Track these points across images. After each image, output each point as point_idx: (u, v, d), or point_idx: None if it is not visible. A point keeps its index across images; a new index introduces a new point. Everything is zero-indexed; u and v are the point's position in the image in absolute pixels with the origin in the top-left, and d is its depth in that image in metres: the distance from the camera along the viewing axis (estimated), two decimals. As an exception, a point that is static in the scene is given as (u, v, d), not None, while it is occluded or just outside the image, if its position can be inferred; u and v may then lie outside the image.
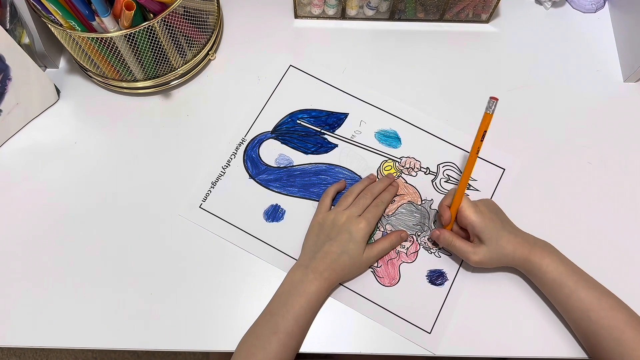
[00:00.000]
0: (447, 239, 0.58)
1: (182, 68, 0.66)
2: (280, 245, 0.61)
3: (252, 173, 0.65)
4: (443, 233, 0.58)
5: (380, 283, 0.59)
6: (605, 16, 0.75)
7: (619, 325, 0.51)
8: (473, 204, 0.57)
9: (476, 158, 0.56)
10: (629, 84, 0.70)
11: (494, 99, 0.52)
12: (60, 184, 0.64)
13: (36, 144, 0.66)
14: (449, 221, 0.58)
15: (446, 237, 0.58)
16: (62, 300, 0.58)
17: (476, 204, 0.57)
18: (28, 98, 0.64)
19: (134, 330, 0.57)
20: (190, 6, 0.61)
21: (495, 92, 0.69)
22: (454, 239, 0.57)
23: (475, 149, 0.55)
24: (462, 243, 0.57)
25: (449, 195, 0.59)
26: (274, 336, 0.52)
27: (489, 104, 0.52)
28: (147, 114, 0.67)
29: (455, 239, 0.57)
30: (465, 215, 0.56)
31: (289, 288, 0.55)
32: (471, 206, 0.56)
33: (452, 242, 0.57)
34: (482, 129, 0.54)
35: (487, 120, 0.53)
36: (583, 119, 0.68)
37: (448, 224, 0.58)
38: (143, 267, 0.60)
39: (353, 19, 0.73)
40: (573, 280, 0.54)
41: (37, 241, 0.61)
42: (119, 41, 0.57)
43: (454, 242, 0.57)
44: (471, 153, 0.55)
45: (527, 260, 0.55)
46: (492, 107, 0.52)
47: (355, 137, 0.67)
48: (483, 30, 0.73)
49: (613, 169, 0.65)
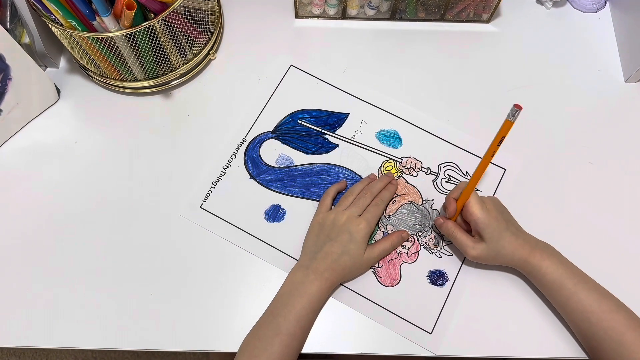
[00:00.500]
0: (449, 228, 0.58)
1: (182, 68, 0.66)
2: (280, 246, 0.61)
3: (252, 173, 0.64)
4: (447, 222, 0.58)
5: (381, 283, 0.59)
6: (606, 16, 0.75)
7: (619, 327, 0.51)
8: (480, 200, 0.56)
9: (490, 161, 0.55)
10: (630, 84, 0.70)
11: (517, 107, 0.51)
12: (60, 184, 0.64)
13: (36, 143, 0.66)
14: (454, 214, 0.57)
15: (449, 227, 0.58)
16: (62, 300, 0.58)
17: (484, 200, 0.57)
18: (28, 98, 0.64)
19: (133, 330, 0.57)
20: (190, 6, 0.61)
21: (496, 92, 0.69)
22: (456, 230, 0.57)
23: (490, 152, 0.54)
24: (463, 236, 0.57)
25: (458, 189, 0.58)
26: (276, 338, 0.52)
27: (511, 111, 0.51)
28: (147, 114, 0.67)
29: (457, 230, 0.57)
30: (471, 211, 0.56)
31: (290, 289, 0.55)
32: (478, 202, 0.56)
33: (454, 232, 0.57)
34: (500, 134, 0.53)
35: (506, 127, 0.52)
36: (584, 119, 0.68)
37: (452, 217, 0.58)
38: (143, 267, 0.60)
39: (354, 18, 0.73)
40: (573, 282, 0.54)
41: (37, 241, 0.61)
42: (119, 41, 0.57)
43: (456, 233, 0.57)
44: (486, 155, 0.54)
45: (527, 262, 0.55)
46: (514, 115, 0.51)
47: (356, 137, 0.66)
48: (484, 30, 0.73)
49: (614, 169, 0.65)
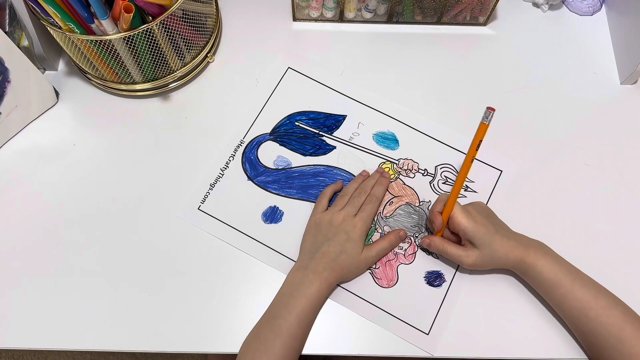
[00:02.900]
0: (438, 246, 0.57)
1: (180, 70, 0.66)
2: (278, 247, 0.61)
3: (250, 175, 0.65)
4: (433, 240, 0.58)
5: (378, 284, 0.59)
6: (602, 19, 0.75)
7: (617, 322, 0.51)
8: (464, 209, 0.56)
9: (470, 166, 0.55)
10: (625, 86, 0.70)
11: (490, 110, 0.51)
12: (59, 186, 0.64)
13: (35, 146, 0.66)
14: (441, 227, 0.57)
15: (437, 244, 0.57)
16: (61, 302, 0.58)
17: (467, 209, 0.57)
18: (27, 100, 0.64)
19: (131, 333, 0.57)
20: (189, 9, 0.61)
21: (492, 94, 0.69)
22: (445, 245, 0.57)
23: (469, 158, 0.54)
24: (454, 248, 0.57)
25: (440, 202, 0.58)
26: (277, 339, 0.52)
27: (485, 114, 0.51)
28: (145, 116, 0.68)
29: (446, 245, 0.57)
30: (457, 221, 0.55)
31: (290, 290, 0.55)
32: (463, 212, 0.56)
33: (444, 247, 0.57)
34: (477, 138, 0.52)
35: (482, 130, 0.52)
36: (580, 121, 0.68)
37: (440, 231, 0.58)
38: (141, 269, 0.60)
39: (351, 21, 0.73)
40: (569, 280, 0.54)
41: (36, 243, 0.61)
42: (117, 44, 0.57)
43: (446, 247, 0.57)
44: (465, 161, 0.55)
45: (522, 261, 0.55)
46: (488, 118, 0.51)
47: (353, 139, 0.67)
48: (480, 32, 0.74)
49: (610, 170, 0.65)
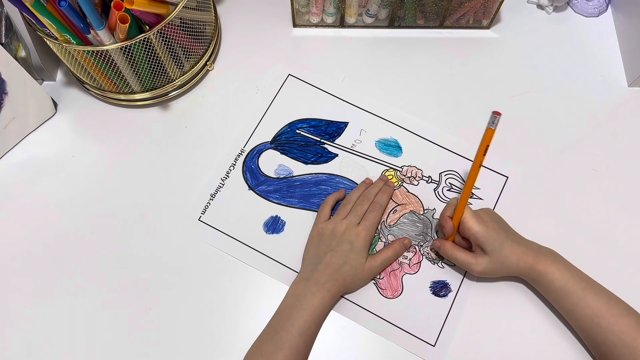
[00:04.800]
0: (447, 251, 0.57)
1: (180, 79, 0.66)
2: (280, 258, 0.60)
3: (251, 184, 0.64)
4: (444, 245, 0.57)
5: (382, 295, 0.58)
6: (609, 20, 0.74)
7: (630, 330, 0.50)
8: (476, 214, 0.56)
9: (478, 172, 0.54)
10: (633, 88, 0.69)
11: (496, 114, 0.50)
12: (57, 198, 0.63)
13: (33, 157, 0.65)
14: (452, 232, 0.57)
15: (447, 249, 0.57)
16: (59, 315, 0.58)
17: (479, 214, 0.56)
18: (25, 112, 0.64)
19: (132, 345, 0.56)
20: (187, 17, 0.61)
21: (497, 98, 0.68)
22: (455, 251, 0.56)
23: (477, 164, 0.54)
24: (464, 254, 0.56)
25: (450, 206, 0.58)
26: (279, 352, 0.51)
27: (491, 119, 0.50)
28: (145, 126, 0.67)
29: (456, 250, 0.56)
30: (468, 226, 0.55)
31: (292, 302, 0.54)
32: (474, 217, 0.55)
33: (453, 253, 0.56)
34: (484, 144, 0.52)
35: (489, 135, 0.51)
36: (587, 125, 0.67)
37: (451, 235, 0.57)
38: (141, 281, 0.59)
39: (352, 26, 0.72)
40: (580, 287, 0.53)
41: (35, 255, 0.60)
42: (115, 54, 0.57)
43: (455, 253, 0.56)
44: (473, 167, 0.54)
45: (532, 269, 0.54)
46: (494, 122, 0.50)
47: (355, 147, 0.66)
48: (484, 36, 0.73)
49: (619, 175, 0.64)
